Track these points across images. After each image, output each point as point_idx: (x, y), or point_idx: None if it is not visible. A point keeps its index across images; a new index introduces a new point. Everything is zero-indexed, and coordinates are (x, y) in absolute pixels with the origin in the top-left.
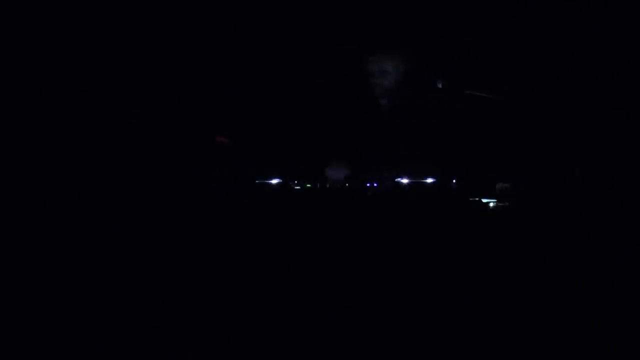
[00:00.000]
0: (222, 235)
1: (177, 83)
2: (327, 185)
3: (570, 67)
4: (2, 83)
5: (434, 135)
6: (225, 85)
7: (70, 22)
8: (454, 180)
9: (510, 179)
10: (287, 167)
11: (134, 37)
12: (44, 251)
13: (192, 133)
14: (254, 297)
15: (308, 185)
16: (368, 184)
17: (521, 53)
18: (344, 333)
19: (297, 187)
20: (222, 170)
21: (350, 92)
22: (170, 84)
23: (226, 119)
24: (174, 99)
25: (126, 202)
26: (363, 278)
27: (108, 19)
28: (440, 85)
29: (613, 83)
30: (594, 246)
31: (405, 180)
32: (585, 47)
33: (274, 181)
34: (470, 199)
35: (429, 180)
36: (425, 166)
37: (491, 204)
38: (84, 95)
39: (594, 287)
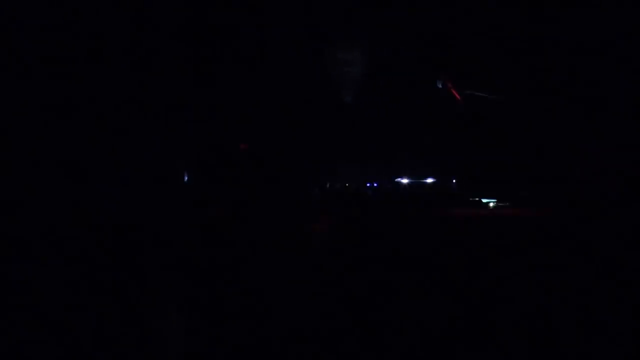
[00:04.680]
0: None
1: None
2: (328, 186)
3: (570, 67)
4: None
5: (434, 135)
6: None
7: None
8: (454, 180)
9: (511, 179)
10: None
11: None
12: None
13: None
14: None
15: None
16: (368, 184)
17: (521, 53)
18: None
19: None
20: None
21: (351, 93)
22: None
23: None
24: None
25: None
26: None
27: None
28: (440, 86)
29: (612, 83)
30: (594, 246)
31: (405, 180)
32: (584, 47)
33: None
34: (470, 199)
35: (429, 180)
36: (425, 166)
37: (491, 204)
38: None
39: (594, 287)
